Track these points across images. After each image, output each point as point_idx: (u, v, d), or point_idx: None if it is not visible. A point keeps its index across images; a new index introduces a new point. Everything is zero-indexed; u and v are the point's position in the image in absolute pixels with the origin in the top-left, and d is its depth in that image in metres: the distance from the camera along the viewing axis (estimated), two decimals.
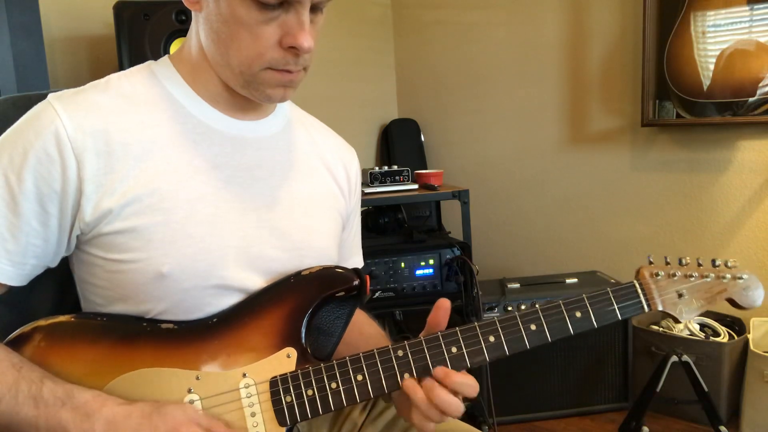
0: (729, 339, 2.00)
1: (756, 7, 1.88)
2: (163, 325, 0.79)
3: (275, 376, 0.79)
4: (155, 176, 0.78)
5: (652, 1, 2.07)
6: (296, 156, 0.92)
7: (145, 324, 0.79)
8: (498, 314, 2.06)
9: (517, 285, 2.18)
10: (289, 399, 0.79)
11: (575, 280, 2.18)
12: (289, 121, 0.94)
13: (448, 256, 2.06)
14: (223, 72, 0.81)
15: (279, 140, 0.90)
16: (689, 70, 2.02)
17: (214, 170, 0.82)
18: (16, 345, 0.77)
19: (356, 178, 1.01)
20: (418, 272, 2.07)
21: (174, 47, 1.74)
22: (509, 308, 2.07)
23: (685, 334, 2.04)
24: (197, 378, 0.78)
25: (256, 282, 0.83)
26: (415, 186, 2.21)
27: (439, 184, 2.21)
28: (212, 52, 0.80)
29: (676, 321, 0.89)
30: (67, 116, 0.76)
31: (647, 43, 2.09)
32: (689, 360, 1.79)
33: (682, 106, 2.07)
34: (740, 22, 1.91)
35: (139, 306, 0.80)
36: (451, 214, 2.47)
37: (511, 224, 2.67)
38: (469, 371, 0.81)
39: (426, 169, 2.71)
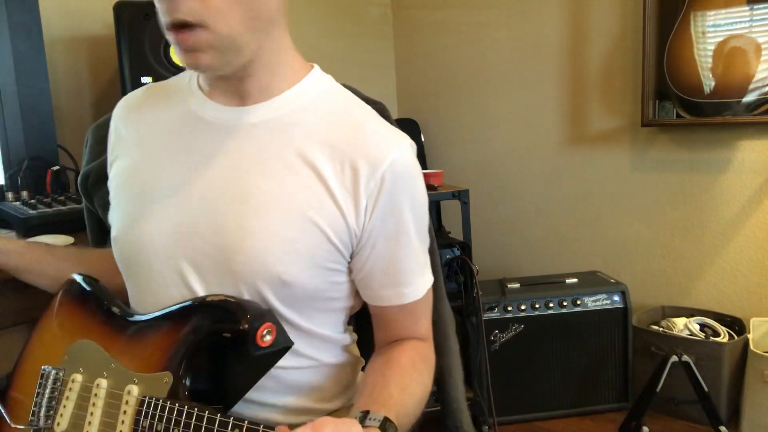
0: (729, 339, 2.00)
1: (756, 7, 1.88)
2: (113, 309, 0.88)
3: (149, 396, 0.76)
4: (136, 154, 0.89)
5: (652, 1, 2.07)
6: (274, 151, 0.81)
7: (105, 303, 0.89)
8: (498, 314, 2.07)
9: (517, 285, 2.18)
10: (145, 424, 0.75)
11: (575, 280, 2.18)
12: (292, 110, 0.83)
13: (448, 256, 2.06)
14: None
15: (261, 130, 0.82)
16: (689, 70, 2.02)
17: (185, 154, 0.84)
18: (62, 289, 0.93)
19: (380, 181, 0.80)
20: None
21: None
22: (509, 308, 2.08)
23: (685, 334, 2.04)
24: (112, 365, 0.82)
25: (190, 272, 0.81)
26: None
27: (439, 184, 2.20)
28: None
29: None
30: None
31: (647, 43, 2.09)
32: (689, 360, 1.79)
33: (682, 106, 2.07)
34: (740, 22, 1.91)
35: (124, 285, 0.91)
36: (451, 214, 2.46)
37: (511, 224, 2.67)
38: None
39: (426, 169, 2.71)
